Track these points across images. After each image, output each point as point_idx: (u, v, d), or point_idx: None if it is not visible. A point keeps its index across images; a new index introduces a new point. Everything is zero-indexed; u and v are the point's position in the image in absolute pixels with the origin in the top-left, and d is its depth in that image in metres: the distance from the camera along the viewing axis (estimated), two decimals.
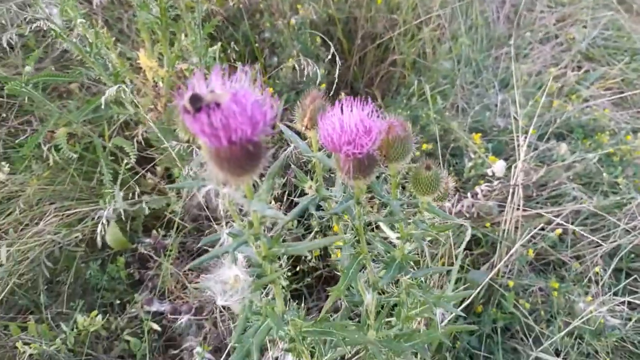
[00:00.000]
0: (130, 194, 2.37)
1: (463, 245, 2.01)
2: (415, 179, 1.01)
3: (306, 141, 1.10)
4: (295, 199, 1.18)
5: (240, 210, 0.92)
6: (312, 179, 1.13)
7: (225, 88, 0.67)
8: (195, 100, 0.65)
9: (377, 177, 1.06)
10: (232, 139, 0.67)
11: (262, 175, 0.82)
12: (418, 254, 1.93)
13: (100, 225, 2.07)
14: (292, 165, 1.11)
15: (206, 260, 0.93)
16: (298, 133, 1.10)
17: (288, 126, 1.12)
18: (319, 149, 1.08)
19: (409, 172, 1.04)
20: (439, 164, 2.69)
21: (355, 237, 1.18)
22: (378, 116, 0.87)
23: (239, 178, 0.74)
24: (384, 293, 1.44)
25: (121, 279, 2.41)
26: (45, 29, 1.80)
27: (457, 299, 1.75)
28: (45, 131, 2.02)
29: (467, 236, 1.98)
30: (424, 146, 2.78)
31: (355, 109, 0.85)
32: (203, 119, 0.65)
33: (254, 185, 0.85)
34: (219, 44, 2.55)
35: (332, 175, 1.20)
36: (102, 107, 1.85)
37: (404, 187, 1.17)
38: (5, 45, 2.37)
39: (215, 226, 2.24)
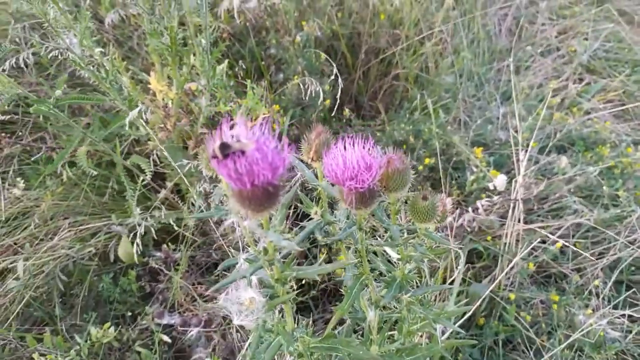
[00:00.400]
0: (145, 209, 2.44)
1: (461, 267, 2.07)
2: (412, 208, 1.08)
3: (312, 170, 1.18)
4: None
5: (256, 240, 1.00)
6: (317, 204, 1.20)
7: (249, 136, 0.75)
8: (224, 148, 0.74)
9: (379, 204, 1.13)
10: (255, 182, 0.75)
11: None
12: (419, 273, 2.00)
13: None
14: (299, 192, 1.19)
15: (226, 284, 1.01)
16: (304, 162, 1.17)
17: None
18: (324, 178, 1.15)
19: (407, 201, 1.11)
20: (440, 178, 2.75)
21: (358, 258, 1.25)
22: (377, 152, 0.95)
23: (258, 214, 0.83)
24: (386, 309, 1.51)
25: (132, 291, 2.48)
26: (63, 57, 1.89)
27: (458, 313, 1.81)
28: (70, 150, 2.11)
29: (460, 264, 2.04)
30: (427, 160, 2.85)
31: (357, 146, 0.93)
32: (230, 165, 0.74)
33: (270, 217, 0.93)
34: (226, 61, 2.64)
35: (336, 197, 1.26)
36: (127, 127, 1.94)
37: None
38: (22, 64, 2.47)
39: (222, 243, 2.32)
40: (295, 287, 1.20)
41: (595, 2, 4.38)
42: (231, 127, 0.75)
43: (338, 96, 2.70)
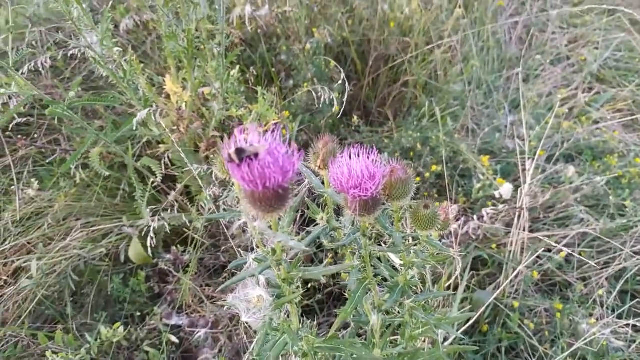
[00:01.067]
0: (154, 212, 2.49)
1: (458, 272, 2.10)
2: (414, 216, 1.12)
3: (319, 177, 1.22)
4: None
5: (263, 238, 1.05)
6: (323, 210, 1.24)
7: (261, 141, 0.81)
8: (240, 152, 0.80)
9: (383, 211, 1.16)
10: (266, 185, 0.82)
11: None
12: (423, 275, 2.02)
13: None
14: (306, 199, 1.23)
15: (235, 282, 1.06)
16: (312, 170, 1.21)
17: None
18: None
19: (410, 209, 1.14)
20: (447, 185, 2.78)
21: (362, 263, 1.28)
22: (382, 162, 0.99)
23: (268, 214, 0.89)
24: (389, 313, 1.54)
25: (142, 292, 2.53)
26: (80, 55, 1.96)
27: (460, 319, 1.84)
28: (83, 150, 2.17)
29: (458, 269, 2.07)
30: (434, 168, 2.87)
31: (362, 156, 0.97)
32: (244, 169, 0.80)
33: (278, 219, 0.98)
34: (238, 67, 2.69)
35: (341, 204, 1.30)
36: (135, 128, 2.00)
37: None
38: (40, 67, 2.54)
39: (232, 244, 2.36)
40: (301, 290, 1.24)
41: (606, 11, 4.38)
42: (243, 133, 0.81)
43: (345, 101, 2.73)
